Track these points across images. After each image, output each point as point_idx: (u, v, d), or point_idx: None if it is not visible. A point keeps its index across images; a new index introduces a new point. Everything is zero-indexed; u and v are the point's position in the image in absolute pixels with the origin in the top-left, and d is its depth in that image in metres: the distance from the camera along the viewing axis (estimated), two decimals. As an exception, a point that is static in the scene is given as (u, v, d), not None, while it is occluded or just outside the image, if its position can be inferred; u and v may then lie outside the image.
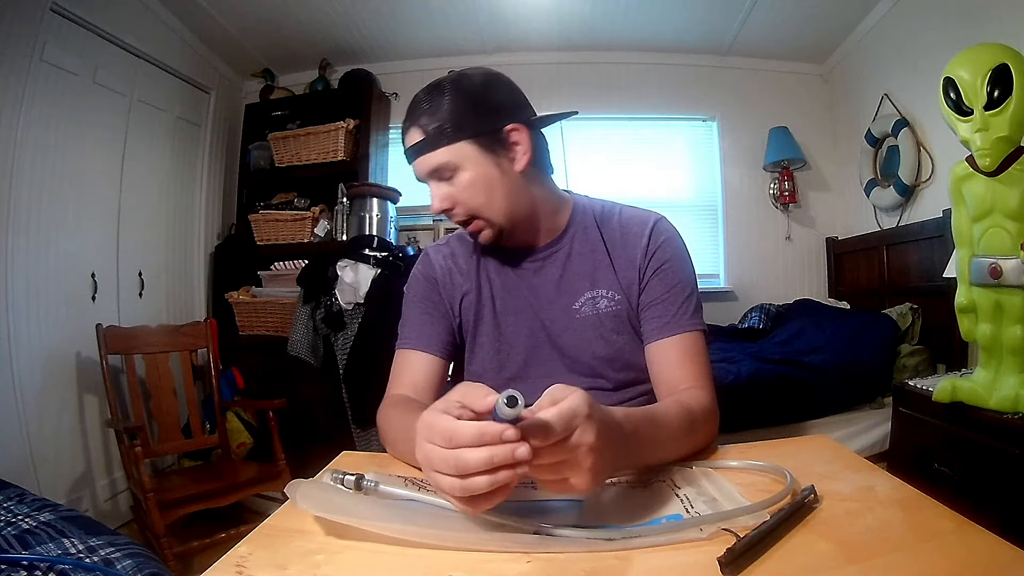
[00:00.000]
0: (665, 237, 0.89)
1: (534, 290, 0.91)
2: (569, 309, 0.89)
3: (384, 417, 0.81)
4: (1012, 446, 1.26)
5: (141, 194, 2.55)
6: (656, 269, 0.87)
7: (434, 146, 0.81)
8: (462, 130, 0.81)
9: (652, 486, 0.61)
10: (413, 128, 0.82)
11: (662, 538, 0.49)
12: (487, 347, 0.92)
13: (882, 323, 2.29)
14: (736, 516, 0.51)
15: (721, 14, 2.83)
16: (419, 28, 2.95)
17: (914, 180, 2.47)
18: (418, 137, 0.82)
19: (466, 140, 0.81)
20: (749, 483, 0.62)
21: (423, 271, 0.96)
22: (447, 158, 0.81)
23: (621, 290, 0.88)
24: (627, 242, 0.90)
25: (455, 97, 0.81)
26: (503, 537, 0.49)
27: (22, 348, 1.94)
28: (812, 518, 0.52)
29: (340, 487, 0.57)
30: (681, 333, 0.84)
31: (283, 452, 1.99)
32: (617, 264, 0.89)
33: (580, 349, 0.89)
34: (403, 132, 0.85)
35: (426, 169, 0.83)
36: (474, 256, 0.95)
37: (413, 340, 0.90)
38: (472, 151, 0.82)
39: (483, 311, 0.92)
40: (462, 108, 0.81)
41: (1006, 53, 1.26)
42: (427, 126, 0.81)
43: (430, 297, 0.93)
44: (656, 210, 0.95)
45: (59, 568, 0.83)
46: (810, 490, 0.55)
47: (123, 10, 2.35)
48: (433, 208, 0.84)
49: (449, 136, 0.80)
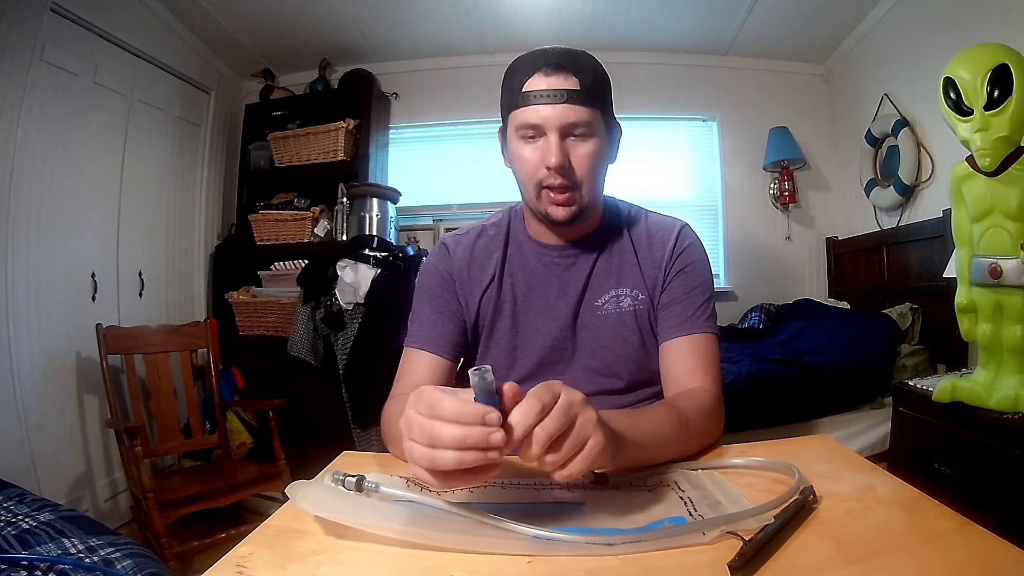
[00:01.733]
0: (691, 242, 0.92)
1: (564, 285, 0.91)
2: (592, 305, 0.90)
3: (386, 416, 0.81)
4: (1012, 446, 1.26)
5: (141, 194, 2.55)
6: (679, 271, 0.89)
7: (584, 101, 0.77)
8: (605, 100, 0.81)
9: (655, 489, 0.61)
10: (562, 74, 0.77)
11: (664, 542, 0.48)
12: (503, 344, 0.92)
13: (882, 323, 2.29)
14: (741, 519, 0.50)
15: (721, 14, 2.83)
16: (419, 28, 2.95)
17: (914, 180, 2.47)
18: (570, 85, 0.77)
19: (603, 112, 0.81)
20: (749, 483, 0.62)
21: (439, 265, 0.94)
22: (591, 119, 0.78)
23: (646, 289, 0.89)
24: (654, 244, 0.91)
25: (598, 68, 0.81)
26: (503, 539, 0.49)
27: (22, 348, 1.94)
28: (813, 519, 0.52)
29: (341, 488, 0.57)
30: (696, 333, 0.85)
31: (283, 452, 1.99)
32: (643, 264, 0.90)
33: (598, 346, 0.90)
34: (537, 70, 0.77)
35: (568, 119, 0.77)
36: (499, 250, 0.93)
37: (422, 340, 0.90)
38: (603, 124, 0.82)
39: (503, 308, 0.92)
40: (605, 80, 0.82)
41: (1006, 53, 1.26)
42: (583, 79, 0.77)
43: (443, 295, 0.92)
44: (657, 210, 0.97)
45: (59, 568, 0.83)
46: (809, 491, 0.54)
47: (123, 10, 2.35)
48: (555, 160, 0.77)
49: (600, 99, 0.80)
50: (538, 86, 0.77)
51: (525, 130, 0.80)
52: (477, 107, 3.21)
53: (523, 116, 0.79)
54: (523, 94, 0.78)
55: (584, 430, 0.50)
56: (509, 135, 0.84)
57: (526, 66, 0.79)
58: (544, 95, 0.77)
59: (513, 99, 0.80)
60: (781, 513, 0.50)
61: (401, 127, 3.31)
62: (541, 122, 0.78)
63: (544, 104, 0.77)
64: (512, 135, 0.83)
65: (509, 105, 0.81)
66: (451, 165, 3.34)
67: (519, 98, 0.79)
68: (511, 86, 0.81)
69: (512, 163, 0.86)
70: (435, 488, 0.50)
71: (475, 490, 0.60)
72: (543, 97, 0.77)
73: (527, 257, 0.93)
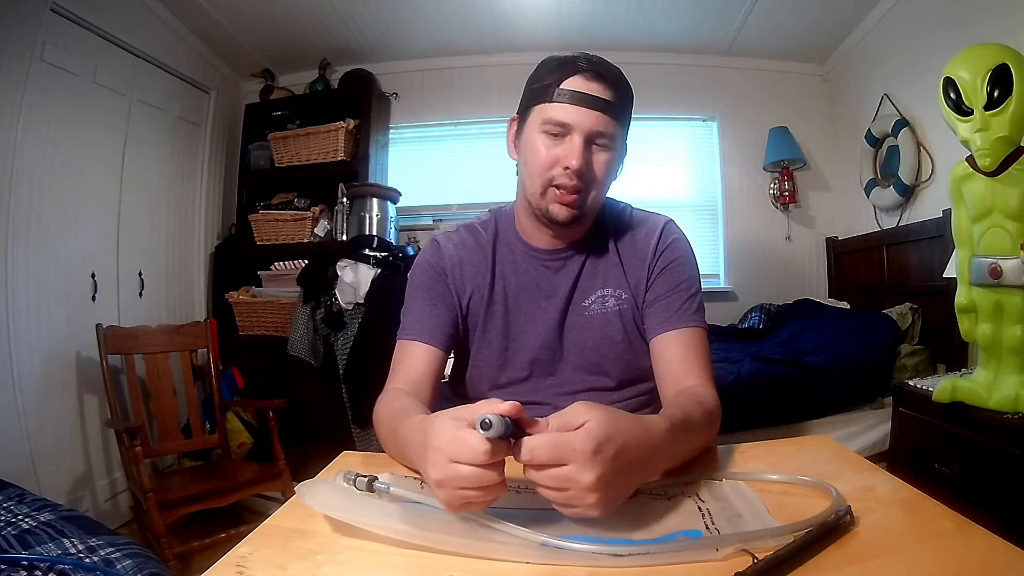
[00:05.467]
0: (674, 238, 0.92)
1: (553, 288, 0.92)
2: (580, 306, 0.91)
3: (379, 414, 0.81)
4: (1012, 446, 1.26)
5: (141, 194, 2.55)
6: (664, 267, 0.89)
7: (614, 114, 0.81)
8: (628, 120, 0.86)
9: (675, 498, 0.59)
10: (602, 83, 0.80)
11: (675, 555, 0.46)
12: (494, 344, 0.92)
13: (882, 323, 2.29)
14: (758, 537, 0.48)
15: (721, 14, 2.83)
16: (419, 28, 2.95)
17: (914, 180, 2.47)
18: (607, 96, 0.80)
19: (623, 130, 0.85)
20: (780, 500, 0.57)
21: (432, 259, 0.94)
22: (615, 131, 0.82)
23: (629, 289, 0.90)
24: (637, 242, 0.92)
25: (628, 85, 0.85)
26: (510, 545, 0.49)
27: (22, 348, 1.94)
28: (848, 540, 0.48)
29: (352, 488, 0.57)
30: (686, 327, 0.85)
31: (283, 452, 1.99)
32: (626, 263, 0.91)
33: (586, 346, 0.90)
34: (579, 72, 0.80)
35: (597, 126, 0.80)
36: (488, 251, 0.94)
37: (415, 331, 0.90)
38: (621, 140, 0.85)
39: (494, 309, 0.92)
40: (631, 99, 0.86)
41: (1006, 53, 1.26)
42: (616, 92, 0.81)
43: (436, 288, 0.92)
44: (657, 210, 0.97)
45: (59, 568, 0.83)
46: (846, 511, 0.50)
47: (123, 10, 2.35)
48: (576, 163, 0.79)
49: (625, 117, 0.84)
50: (576, 87, 0.79)
51: (551, 126, 0.81)
52: (477, 107, 3.21)
53: (553, 112, 0.80)
54: (560, 91, 0.80)
55: (575, 498, 0.49)
56: (528, 126, 0.85)
57: (567, 65, 0.81)
58: (581, 98, 0.79)
59: (546, 93, 0.81)
60: (805, 534, 0.47)
61: (401, 127, 3.30)
62: (571, 123, 0.79)
63: (579, 106, 0.79)
64: (533, 127, 0.83)
65: (539, 98, 0.82)
66: (451, 165, 3.34)
67: (554, 93, 0.80)
68: (546, 80, 0.82)
69: (522, 154, 0.87)
70: (449, 510, 0.52)
71: None
72: (580, 100, 0.79)
73: (518, 260, 0.93)
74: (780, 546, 0.45)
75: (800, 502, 0.57)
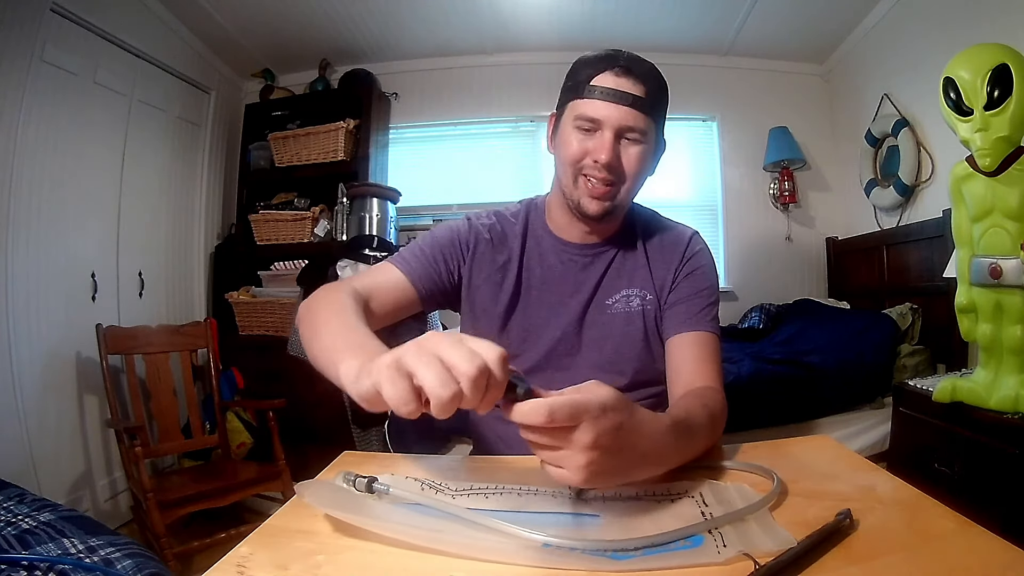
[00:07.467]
0: (700, 248, 0.95)
1: (578, 283, 0.93)
2: (603, 304, 0.92)
3: (316, 296, 0.78)
4: (1012, 446, 1.26)
5: (141, 194, 2.55)
6: (689, 273, 0.92)
7: (646, 110, 0.82)
8: (662, 114, 0.86)
9: (678, 500, 0.58)
10: (632, 79, 0.81)
11: (675, 559, 0.47)
12: (514, 334, 0.93)
13: (882, 323, 2.29)
14: (761, 542, 0.48)
15: (721, 14, 2.83)
16: (419, 28, 2.95)
17: (914, 180, 2.47)
18: (636, 91, 0.81)
19: (656, 124, 0.85)
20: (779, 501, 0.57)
21: (460, 230, 0.94)
22: (646, 127, 0.82)
23: (654, 290, 0.92)
24: (665, 245, 0.94)
25: (663, 82, 0.85)
26: (511, 546, 0.48)
27: (22, 348, 1.94)
28: (847, 543, 0.48)
29: (352, 489, 0.57)
30: (701, 331, 0.87)
31: (283, 452, 1.99)
32: (654, 265, 0.93)
33: (604, 344, 0.91)
34: (609, 68, 0.81)
35: (626, 122, 0.81)
36: (518, 241, 0.95)
37: (406, 263, 0.89)
38: (654, 136, 0.86)
39: (517, 299, 0.93)
40: (666, 94, 0.86)
41: (1006, 53, 1.26)
42: (648, 88, 0.82)
43: (451, 251, 0.93)
44: (656, 210, 1.00)
45: (59, 568, 0.83)
46: (845, 514, 0.50)
47: (123, 10, 2.35)
48: (605, 157, 0.81)
49: (658, 112, 0.84)
50: (606, 84, 0.81)
51: (582, 121, 0.83)
52: (477, 107, 3.21)
53: (584, 108, 0.82)
54: (590, 87, 0.82)
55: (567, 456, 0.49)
56: (563, 121, 0.87)
57: (600, 62, 0.83)
58: (610, 94, 0.81)
59: (579, 89, 0.83)
60: (806, 539, 0.47)
61: (401, 127, 3.30)
62: (601, 118, 0.81)
63: (608, 102, 0.81)
64: (567, 122, 0.85)
65: (572, 93, 0.84)
66: (451, 165, 3.34)
67: (585, 90, 0.82)
68: (579, 76, 0.84)
69: (557, 147, 0.89)
70: None
71: (489, 496, 0.60)
72: (609, 96, 0.81)
73: (546, 252, 0.94)
74: (782, 551, 0.45)
75: (801, 502, 0.57)
